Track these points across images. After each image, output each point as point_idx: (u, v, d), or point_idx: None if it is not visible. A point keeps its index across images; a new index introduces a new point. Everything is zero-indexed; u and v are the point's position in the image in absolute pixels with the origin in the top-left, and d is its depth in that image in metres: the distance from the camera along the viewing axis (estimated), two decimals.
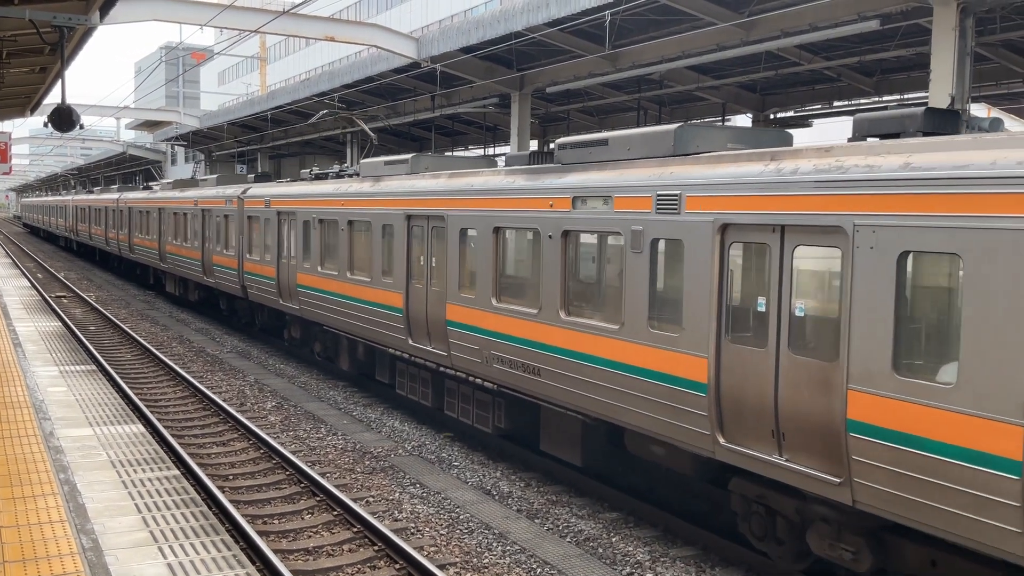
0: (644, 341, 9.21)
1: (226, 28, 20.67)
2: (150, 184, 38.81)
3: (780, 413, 7.74)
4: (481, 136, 33.53)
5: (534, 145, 30.79)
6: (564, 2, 17.15)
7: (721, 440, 8.33)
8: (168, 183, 32.51)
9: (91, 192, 54.26)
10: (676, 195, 8.81)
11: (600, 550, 9.66)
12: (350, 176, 17.90)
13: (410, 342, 13.98)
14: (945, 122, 7.72)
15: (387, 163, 15.82)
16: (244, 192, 22.10)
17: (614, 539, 9.98)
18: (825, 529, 7.95)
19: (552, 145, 11.11)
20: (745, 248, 8.33)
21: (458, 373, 12.81)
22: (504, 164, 13.04)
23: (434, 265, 13.46)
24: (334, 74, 28.08)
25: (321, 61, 78.66)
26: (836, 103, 22.25)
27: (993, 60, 17.66)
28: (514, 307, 11.45)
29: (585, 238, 10.42)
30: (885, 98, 20.83)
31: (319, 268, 17.24)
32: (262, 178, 24.45)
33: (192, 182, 30.84)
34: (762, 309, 7.99)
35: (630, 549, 9.69)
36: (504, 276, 11.98)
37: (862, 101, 21.55)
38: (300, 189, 18.79)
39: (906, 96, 20.34)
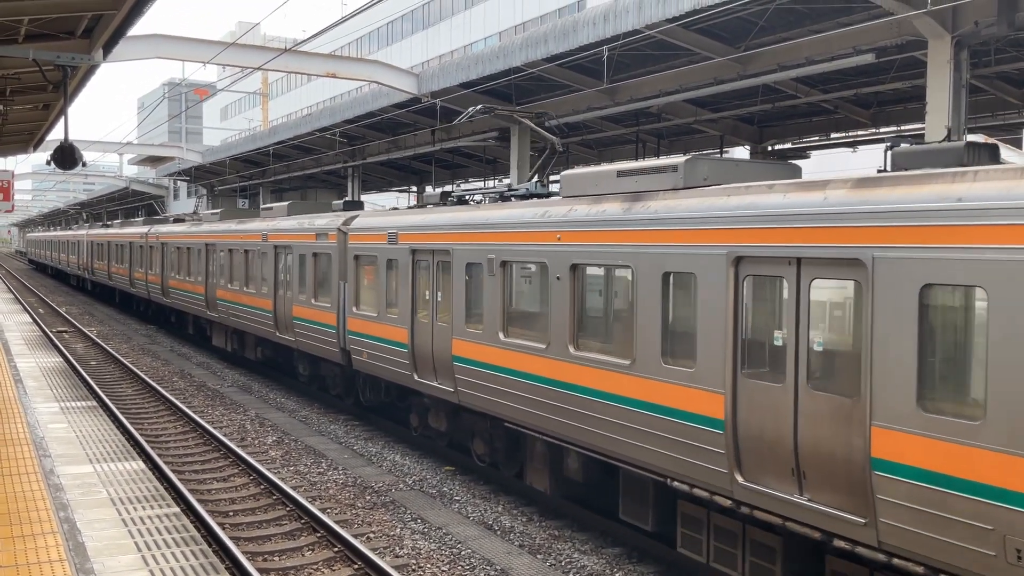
0: None
1: (229, 66, 20.89)
2: (192, 215, 34.99)
3: None
4: (481, 169, 33.71)
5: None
6: (562, 38, 17.33)
7: None
8: (214, 213, 27.67)
9: (109, 225, 48.95)
10: None
11: None
12: (533, 197, 12.33)
13: (741, 480, 8.16)
14: None
15: (626, 173, 10.20)
16: (348, 223, 16.82)
17: (617, 575, 9.91)
18: None
19: None
20: None
21: (895, 559, 6.96)
22: (892, 161, 7.91)
23: (819, 349, 7.60)
24: (335, 110, 28.30)
25: (322, 96, 79.37)
26: (833, 135, 22.39)
27: (988, 92, 17.79)
28: None
29: None
30: (882, 130, 20.97)
31: (500, 336, 11.65)
32: (352, 206, 18.93)
33: (252, 212, 26.52)
34: None
35: None
36: None
37: (859, 133, 21.69)
38: (449, 217, 13.21)
39: (903, 128, 20.48)
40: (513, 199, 12.74)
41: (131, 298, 39.80)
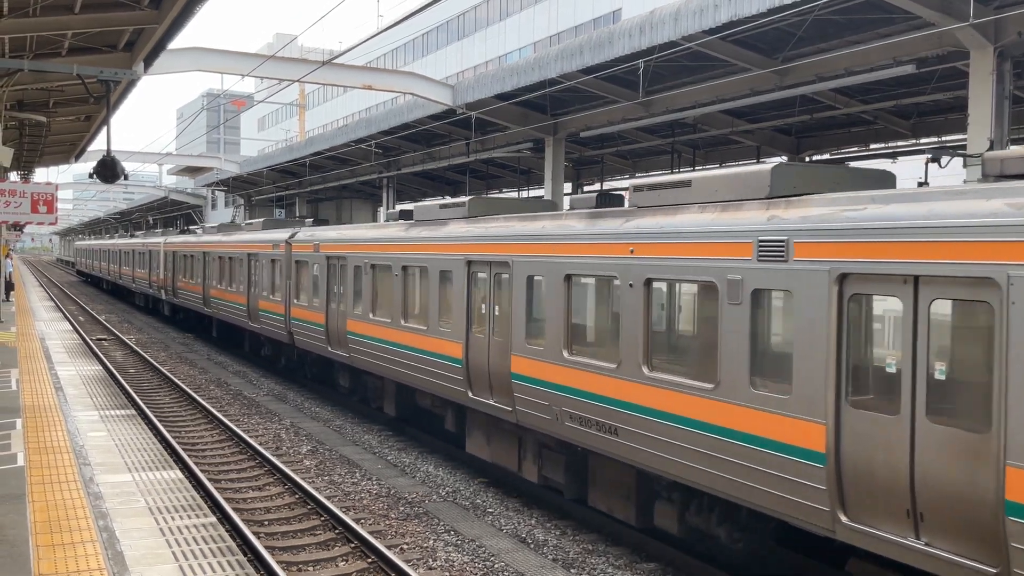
0: None
1: (268, 78, 21.11)
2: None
3: None
4: (515, 180, 33.76)
5: (568, 189, 30.87)
6: (597, 50, 17.32)
7: None
8: (457, 204, 14.87)
9: (189, 231, 38.97)
10: None
11: None
12: None
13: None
14: None
15: None
16: None
17: None
18: None
19: None
20: None
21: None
22: None
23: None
24: (371, 121, 28.52)
25: (358, 107, 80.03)
26: (873, 145, 22.16)
27: None
28: None
29: None
30: (923, 140, 20.70)
31: None
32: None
33: (537, 203, 15.40)
34: None
35: None
36: None
37: (899, 143, 21.44)
38: None
39: (944, 139, 20.21)
40: None
41: (242, 334, 28.59)
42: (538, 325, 11.73)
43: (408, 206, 17.25)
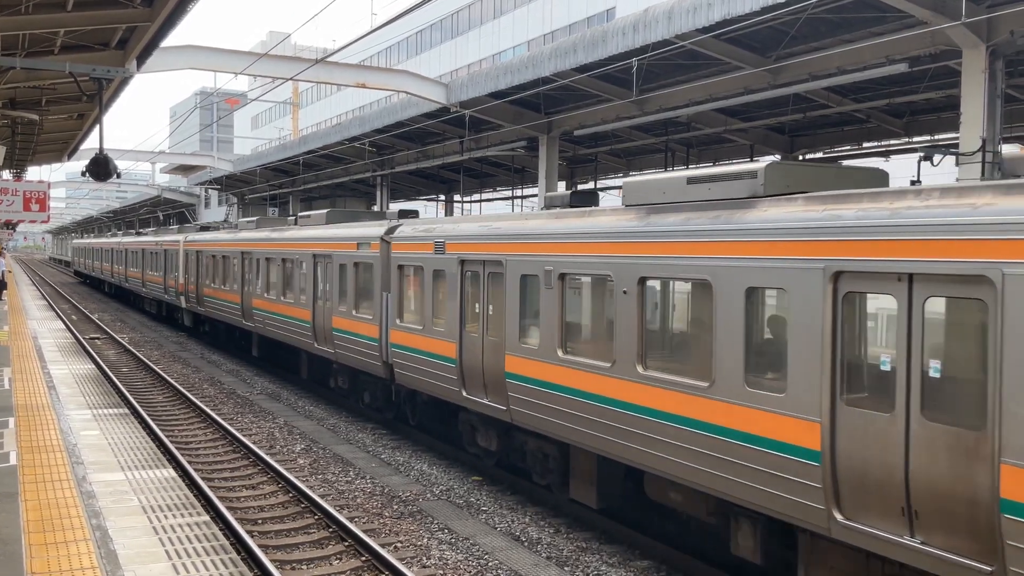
0: None
1: (261, 76, 21.05)
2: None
3: None
4: (509, 178, 33.75)
5: (562, 187, 30.86)
6: (591, 48, 17.32)
7: None
8: (769, 168, 8.92)
9: (228, 227, 32.66)
10: None
11: None
12: None
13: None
14: None
15: None
16: None
17: None
18: None
19: None
20: None
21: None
22: None
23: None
24: (365, 119, 28.48)
25: (352, 105, 79.92)
26: (866, 144, 22.20)
27: None
28: None
29: None
30: (915, 139, 20.75)
31: None
32: None
33: None
34: None
35: None
36: None
37: (892, 142, 21.48)
38: None
39: (936, 137, 20.26)
40: None
41: (297, 357, 22.71)
42: None
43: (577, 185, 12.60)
